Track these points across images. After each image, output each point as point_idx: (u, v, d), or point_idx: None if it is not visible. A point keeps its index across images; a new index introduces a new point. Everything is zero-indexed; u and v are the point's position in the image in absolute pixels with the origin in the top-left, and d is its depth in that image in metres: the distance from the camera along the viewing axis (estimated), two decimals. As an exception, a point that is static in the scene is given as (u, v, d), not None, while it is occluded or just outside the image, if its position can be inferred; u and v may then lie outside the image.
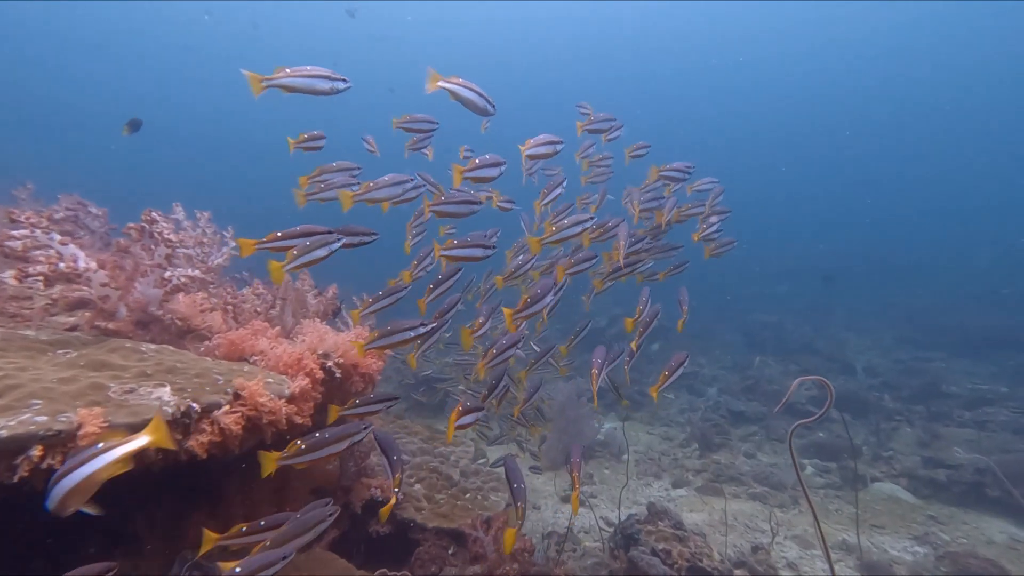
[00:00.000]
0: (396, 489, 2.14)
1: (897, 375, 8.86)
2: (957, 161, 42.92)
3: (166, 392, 1.71)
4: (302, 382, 2.22)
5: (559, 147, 3.03)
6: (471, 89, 2.64)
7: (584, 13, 30.38)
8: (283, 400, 2.06)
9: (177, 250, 2.53)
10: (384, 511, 2.23)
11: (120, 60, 33.92)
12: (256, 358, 2.32)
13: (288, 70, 2.52)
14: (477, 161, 2.72)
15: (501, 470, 4.97)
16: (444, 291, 2.82)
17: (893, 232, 37.98)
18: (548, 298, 2.84)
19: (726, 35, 32.68)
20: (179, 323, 2.23)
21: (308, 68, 2.55)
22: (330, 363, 2.59)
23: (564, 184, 3.43)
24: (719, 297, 17.93)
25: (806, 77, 36.55)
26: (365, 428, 2.07)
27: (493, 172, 2.79)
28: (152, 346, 1.98)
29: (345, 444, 1.98)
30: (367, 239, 2.51)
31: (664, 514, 4.00)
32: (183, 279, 2.27)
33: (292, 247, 2.15)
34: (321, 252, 2.24)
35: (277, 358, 2.32)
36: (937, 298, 16.87)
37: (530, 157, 3.03)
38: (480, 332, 3.00)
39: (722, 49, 34.12)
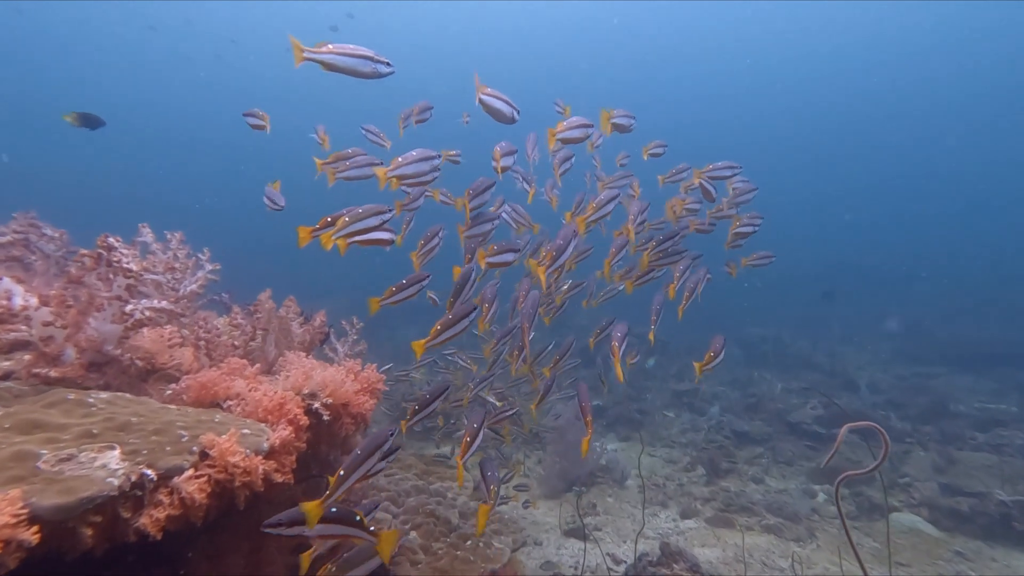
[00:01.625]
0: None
1: (901, 392, 8.68)
2: (947, 172, 43.58)
3: (114, 457, 1.41)
4: (284, 432, 1.92)
5: (590, 131, 2.95)
6: (503, 100, 2.63)
7: (580, 12, 30.37)
8: (260, 457, 1.77)
9: (144, 276, 2.23)
10: None
11: (110, 65, 33.37)
12: (231, 403, 2.02)
13: (331, 45, 2.41)
14: (499, 151, 2.71)
15: (503, 507, 4.66)
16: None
17: (881, 243, 38.41)
18: (571, 247, 2.83)
19: (717, 39, 32.93)
20: (140, 363, 1.93)
21: (350, 47, 2.45)
22: (317, 404, 2.30)
23: (572, 159, 3.39)
24: (713, 309, 17.80)
25: (792, 86, 36.95)
26: (392, 434, 2.00)
27: (511, 160, 2.78)
28: (104, 395, 1.68)
29: (377, 457, 1.92)
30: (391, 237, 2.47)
31: (679, 555, 3.71)
32: (148, 312, 1.98)
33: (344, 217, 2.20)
34: (372, 221, 2.28)
35: (256, 403, 2.02)
36: (930, 310, 16.88)
37: (563, 141, 2.95)
38: (486, 317, 2.90)
39: (711, 54, 34.30)
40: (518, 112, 2.60)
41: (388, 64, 2.46)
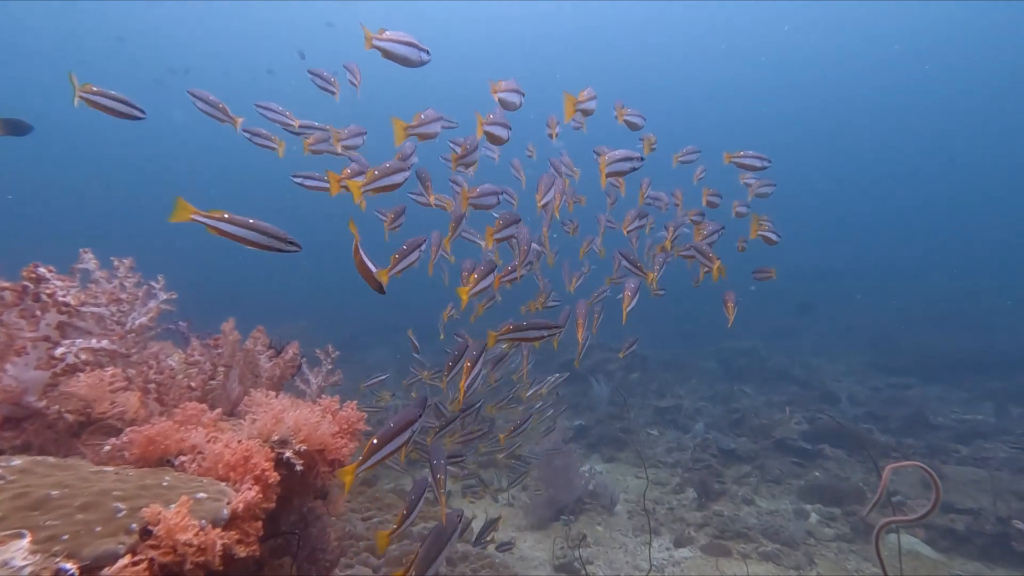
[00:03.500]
0: None
1: (880, 404, 8.76)
2: (910, 183, 45.44)
3: (21, 550, 1.11)
4: (249, 493, 1.62)
5: (595, 103, 3.21)
6: (517, 92, 2.84)
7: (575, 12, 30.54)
8: (219, 528, 1.47)
9: (84, 308, 1.92)
10: None
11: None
12: (185, 458, 1.71)
13: (388, 33, 2.59)
14: (491, 117, 2.88)
15: (491, 550, 4.34)
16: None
17: (846, 254, 39.72)
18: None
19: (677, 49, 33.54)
20: (71, 417, 1.61)
21: (402, 34, 2.62)
22: (289, 453, 2.00)
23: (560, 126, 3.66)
24: (688, 322, 17.89)
25: (763, 95, 37.95)
26: (422, 412, 2.05)
27: (503, 132, 2.91)
28: (17, 462, 1.37)
29: (408, 435, 1.96)
30: None
31: (681, 593, 3.49)
32: (84, 355, 1.67)
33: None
34: (397, 178, 2.54)
35: (215, 457, 1.72)
36: (895, 321, 17.37)
37: (583, 113, 3.26)
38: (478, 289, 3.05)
39: (679, 59, 34.84)
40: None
41: (428, 52, 2.64)
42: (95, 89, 2.82)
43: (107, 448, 1.68)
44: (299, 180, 3.31)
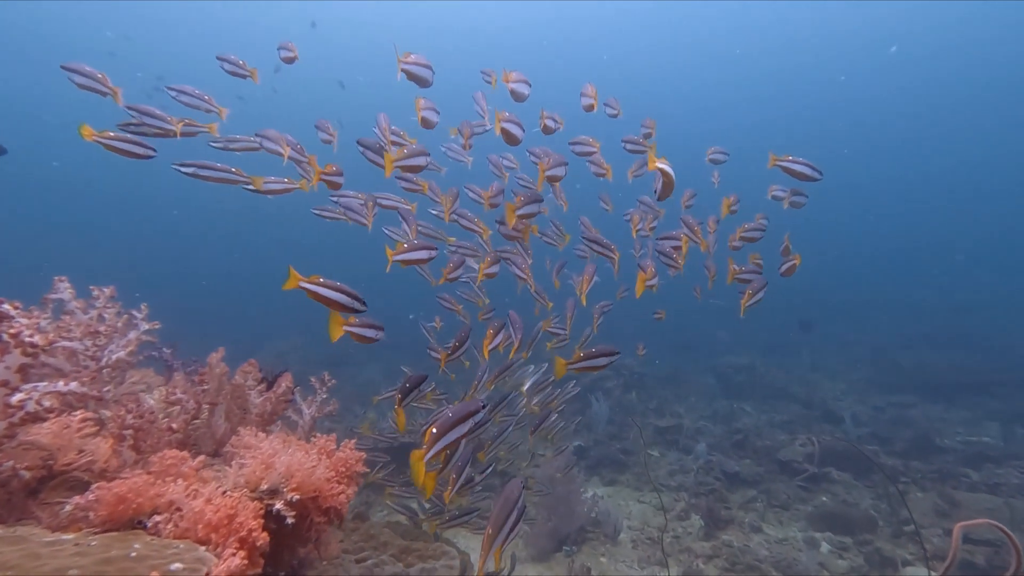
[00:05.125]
0: None
1: (883, 425, 8.62)
2: (899, 200, 45.79)
3: (-46, 662, 0.91)
4: (232, 560, 1.42)
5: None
6: (526, 83, 3.17)
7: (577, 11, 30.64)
8: (196, 608, 1.27)
9: (54, 345, 1.72)
10: None
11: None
12: (160, 518, 1.51)
13: (413, 56, 2.81)
14: (506, 115, 3.04)
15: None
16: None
17: (840, 270, 39.94)
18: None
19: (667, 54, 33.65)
20: (27, 474, 1.41)
21: (422, 57, 2.84)
22: (279, 504, 1.80)
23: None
24: (683, 337, 17.75)
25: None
26: (484, 407, 1.98)
27: (518, 131, 3.03)
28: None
29: (470, 424, 1.93)
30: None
31: (697, 639, 3.28)
32: (47, 401, 1.47)
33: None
34: (419, 160, 2.86)
35: (195, 517, 1.52)
36: (891, 338, 17.33)
37: (586, 108, 3.53)
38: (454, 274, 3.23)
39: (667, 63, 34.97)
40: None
41: (434, 72, 2.90)
42: (112, 134, 2.78)
43: (68, 508, 1.47)
44: (190, 171, 2.89)
